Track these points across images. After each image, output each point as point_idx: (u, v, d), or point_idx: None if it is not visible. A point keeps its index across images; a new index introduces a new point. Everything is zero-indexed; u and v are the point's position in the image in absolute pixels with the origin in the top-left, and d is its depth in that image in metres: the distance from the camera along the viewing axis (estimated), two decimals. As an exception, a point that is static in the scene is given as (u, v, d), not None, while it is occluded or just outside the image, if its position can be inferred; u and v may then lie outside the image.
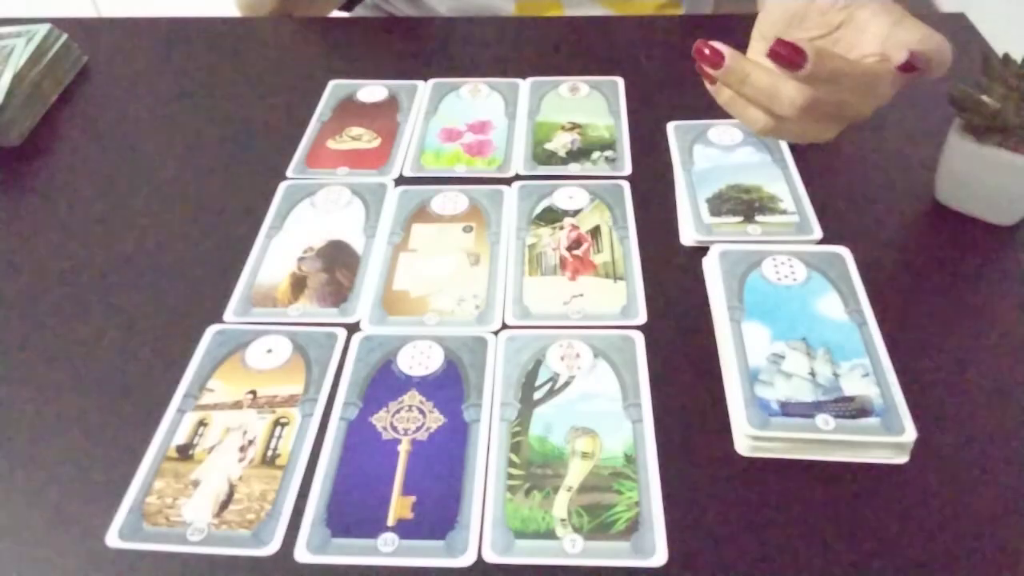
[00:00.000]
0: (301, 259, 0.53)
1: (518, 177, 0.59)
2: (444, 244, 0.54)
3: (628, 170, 0.59)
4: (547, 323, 0.48)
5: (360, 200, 0.57)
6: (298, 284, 0.51)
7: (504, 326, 0.48)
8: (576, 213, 0.55)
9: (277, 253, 0.54)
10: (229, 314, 0.50)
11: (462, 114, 0.65)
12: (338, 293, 0.51)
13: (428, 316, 0.49)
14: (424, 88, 0.68)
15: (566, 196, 0.57)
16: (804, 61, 0.43)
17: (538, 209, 0.56)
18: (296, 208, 0.57)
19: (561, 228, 0.54)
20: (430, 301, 0.50)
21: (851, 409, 0.41)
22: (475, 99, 0.67)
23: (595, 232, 0.54)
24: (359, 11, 0.90)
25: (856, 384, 0.42)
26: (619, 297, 0.49)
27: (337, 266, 0.53)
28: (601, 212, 0.55)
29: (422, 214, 0.56)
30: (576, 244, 0.53)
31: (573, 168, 0.59)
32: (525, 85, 0.68)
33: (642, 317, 0.48)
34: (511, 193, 0.57)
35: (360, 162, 0.60)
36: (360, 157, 0.60)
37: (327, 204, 0.57)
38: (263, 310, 0.50)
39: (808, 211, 0.54)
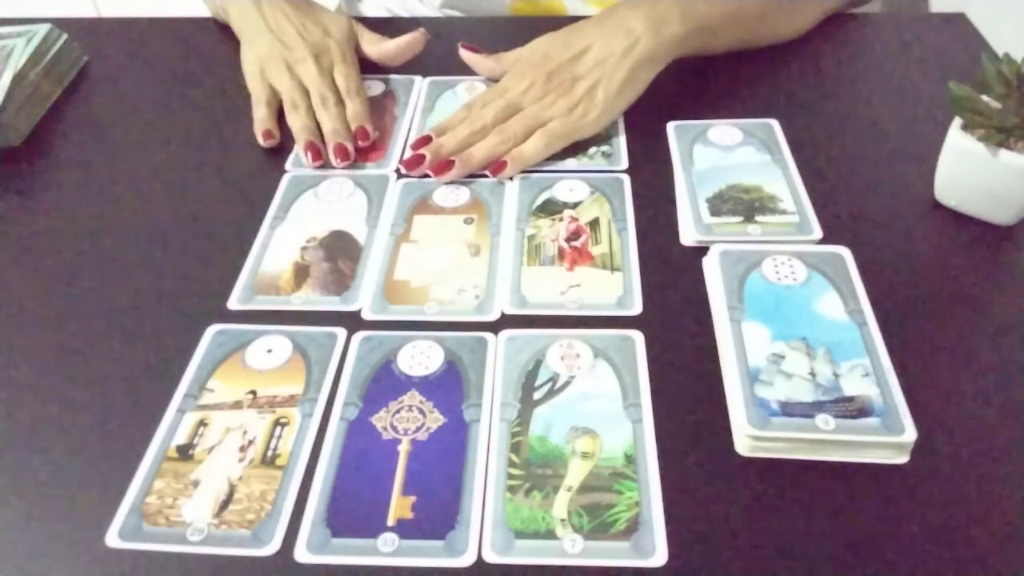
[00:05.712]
0: (304, 248, 0.53)
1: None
2: (445, 235, 0.54)
3: (625, 164, 0.59)
4: (544, 312, 0.48)
5: (363, 191, 0.57)
6: (301, 273, 0.52)
7: (503, 315, 0.48)
8: (576, 205, 0.55)
9: (280, 243, 0.54)
10: (233, 301, 0.50)
11: (459, 112, 0.65)
12: (340, 282, 0.51)
13: (428, 305, 0.49)
14: (420, 83, 0.68)
15: (566, 188, 0.57)
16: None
17: (539, 201, 0.56)
18: (300, 199, 0.57)
19: (560, 219, 0.54)
20: (430, 291, 0.50)
21: (851, 409, 0.41)
22: (471, 97, 0.66)
23: (594, 224, 0.54)
24: (360, 9, 0.90)
25: (856, 384, 0.42)
26: (615, 287, 0.50)
27: (339, 256, 0.53)
28: (600, 205, 0.55)
29: (424, 206, 0.56)
30: (575, 235, 0.53)
31: (570, 163, 0.59)
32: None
33: (638, 307, 0.48)
34: (512, 186, 0.57)
35: (358, 154, 0.60)
36: (358, 150, 0.61)
37: (330, 195, 0.58)
38: (266, 298, 0.50)
39: (808, 211, 0.54)
